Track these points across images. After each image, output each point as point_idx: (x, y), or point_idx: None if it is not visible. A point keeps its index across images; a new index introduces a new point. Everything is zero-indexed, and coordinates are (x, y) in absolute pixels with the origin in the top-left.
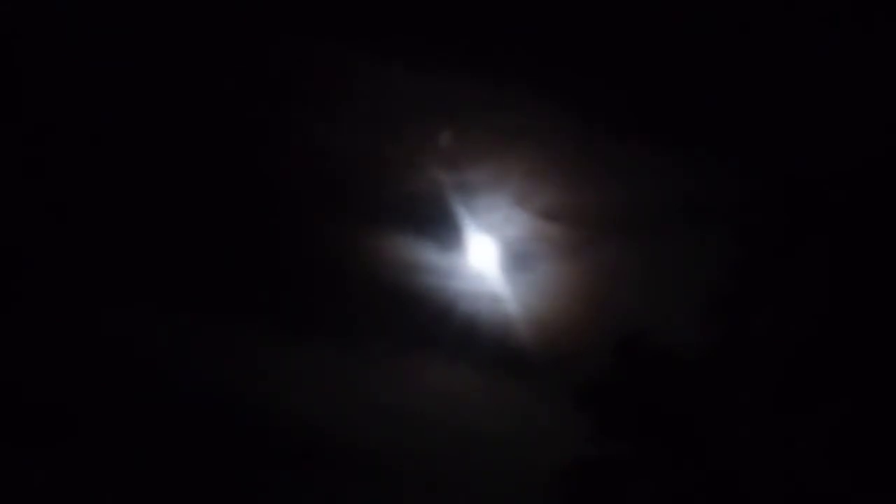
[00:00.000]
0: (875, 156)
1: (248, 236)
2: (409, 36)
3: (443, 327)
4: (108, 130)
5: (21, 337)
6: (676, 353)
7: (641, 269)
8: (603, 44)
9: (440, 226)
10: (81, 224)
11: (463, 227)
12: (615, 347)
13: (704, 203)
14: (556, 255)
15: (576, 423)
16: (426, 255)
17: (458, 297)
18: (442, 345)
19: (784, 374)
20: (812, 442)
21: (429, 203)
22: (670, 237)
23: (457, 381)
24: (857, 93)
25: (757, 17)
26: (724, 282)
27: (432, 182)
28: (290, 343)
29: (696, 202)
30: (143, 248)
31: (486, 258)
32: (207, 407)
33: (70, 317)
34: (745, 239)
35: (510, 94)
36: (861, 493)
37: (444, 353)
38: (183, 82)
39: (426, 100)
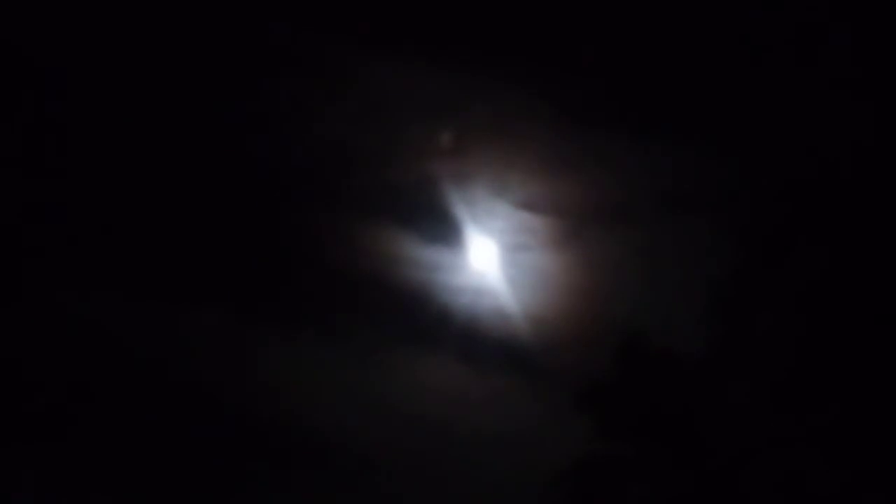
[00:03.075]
0: (872, 152)
1: (243, 231)
2: (394, 30)
3: (433, 321)
4: (102, 122)
5: (11, 332)
6: (676, 352)
7: (637, 262)
8: (589, 36)
9: (432, 219)
10: (72, 216)
11: (455, 221)
12: (615, 346)
13: (700, 194)
14: (553, 248)
15: (576, 423)
16: (416, 249)
17: (446, 290)
18: (436, 341)
19: (784, 374)
20: (812, 442)
21: (421, 196)
22: (665, 229)
23: (453, 378)
24: (851, 87)
25: (743, 8)
26: (723, 279)
27: (426, 176)
28: (285, 340)
29: (691, 193)
30: (131, 240)
31: (479, 252)
32: (198, 402)
33: (61, 311)
34: (737, 230)
35: (501, 88)
36: (861, 493)
37: (438, 349)
38: (175, 74)
39: (414, 94)
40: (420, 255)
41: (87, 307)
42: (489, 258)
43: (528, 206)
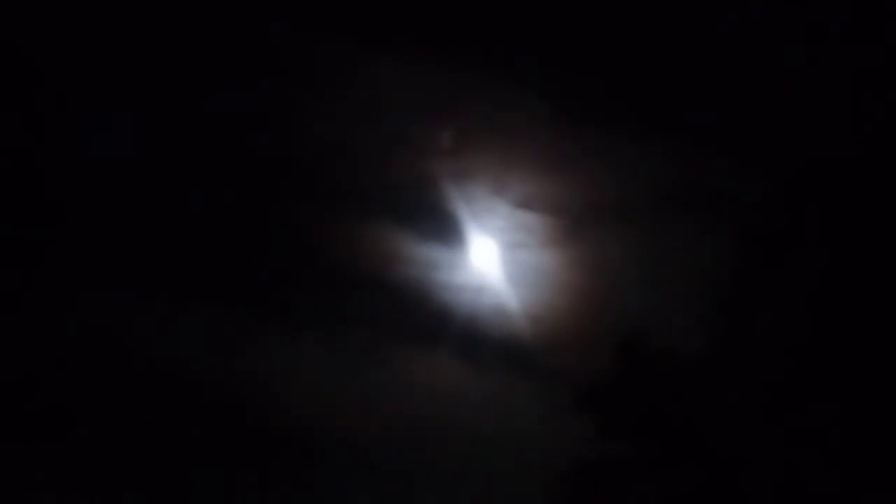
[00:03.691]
0: (872, 152)
1: (243, 230)
2: (394, 30)
3: (433, 319)
4: (102, 122)
5: (11, 332)
6: (676, 352)
7: (637, 261)
8: (589, 36)
9: (432, 218)
10: (72, 216)
11: (455, 220)
12: (615, 346)
13: (700, 194)
14: (553, 247)
15: (576, 423)
16: (416, 247)
17: (446, 289)
18: (436, 339)
19: (784, 374)
20: (811, 441)
21: (421, 195)
22: (665, 229)
23: (453, 376)
24: (851, 87)
25: (743, 8)
26: (723, 279)
27: (426, 175)
28: (285, 339)
29: (691, 193)
30: (132, 239)
31: (479, 251)
32: (197, 401)
33: (61, 311)
34: (737, 230)
35: (500, 88)
36: (860, 493)
37: (438, 347)
38: (175, 74)
39: (413, 93)
40: (420, 253)
41: (87, 307)
42: (489, 256)
43: (528, 204)
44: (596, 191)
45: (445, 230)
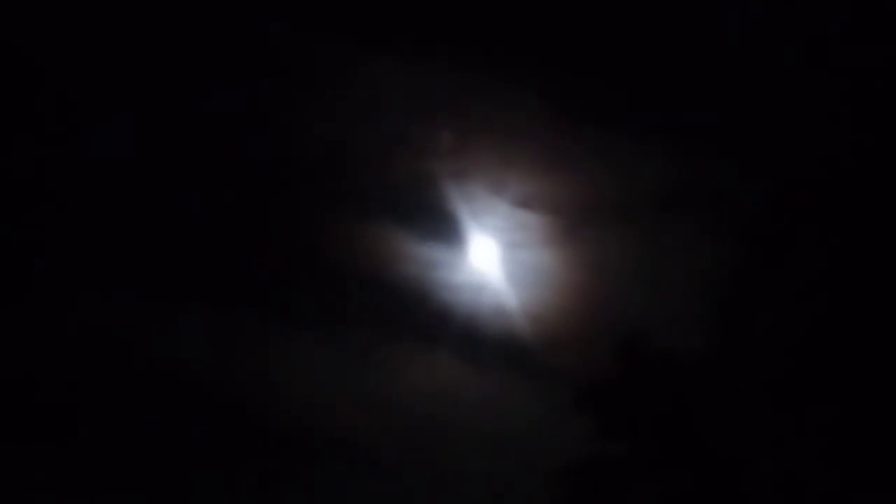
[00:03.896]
0: (872, 152)
1: (243, 230)
2: (394, 29)
3: (432, 319)
4: (102, 122)
5: (11, 332)
6: (676, 352)
7: (637, 261)
8: (589, 35)
9: (432, 217)
10: (72, 216)
11: (455, 219)
12: (615, 345)
13: (700, 194)
14: (552, 246)
15: (576, 422)
16: (416, 246)
17: (446, 288)
18: (435, 338)
19: (784, 374)
20: (811, 441)
21: (420, 194)
22: (665, 229)
23: (453, 376)
24: (851, 87)
25: (742, 9)
26: (723, 279)
27: (425, 174)
28: (286, 338)
29: (691, 193)
30: (132, 239)
31: (479, 250)
32: (197, 401)
33: (61, 311)
34: (737, 230)
35: (500, 87)
36: (859, 493)
37: (438, 346)
38: (175, 75)
39: (413, 93)
40: (420, 252)
41: (87, 307)
42: (489, 256)
43: (528, 203)
44: (596, 191)
45: (445, 230)
